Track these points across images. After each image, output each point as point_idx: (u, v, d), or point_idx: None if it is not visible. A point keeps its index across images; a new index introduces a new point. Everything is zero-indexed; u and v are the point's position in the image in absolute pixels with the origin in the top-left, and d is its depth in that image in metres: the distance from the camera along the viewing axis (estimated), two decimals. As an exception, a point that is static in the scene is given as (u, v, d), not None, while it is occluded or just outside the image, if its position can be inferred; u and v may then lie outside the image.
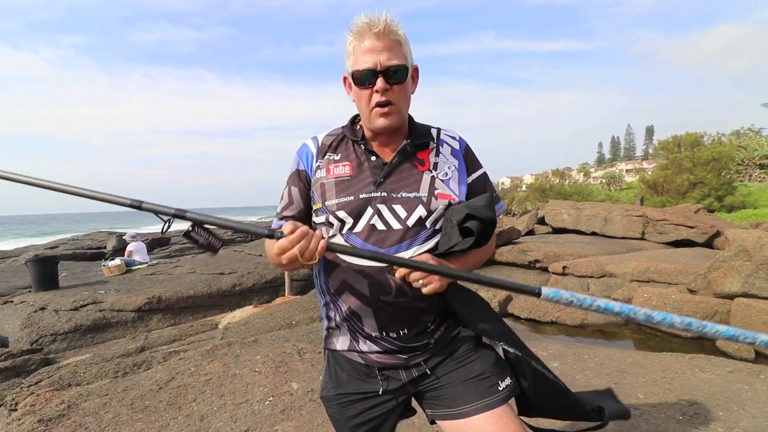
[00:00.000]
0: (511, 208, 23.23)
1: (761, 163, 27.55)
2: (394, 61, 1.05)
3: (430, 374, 1.13)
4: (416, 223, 1.08)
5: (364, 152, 1.15)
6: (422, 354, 1.13)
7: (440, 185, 1.12)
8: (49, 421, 2.62)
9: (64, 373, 3.98)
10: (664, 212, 11.23)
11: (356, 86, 1.08)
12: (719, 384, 2.95)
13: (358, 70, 1.05)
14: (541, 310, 5.76)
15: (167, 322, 6.72)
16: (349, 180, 1.12)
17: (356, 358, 1.15)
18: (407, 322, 1.10)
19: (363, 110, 1.11)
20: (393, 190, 1.10)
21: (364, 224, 1.08)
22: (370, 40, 1.04)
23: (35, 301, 6.64)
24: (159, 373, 3.33)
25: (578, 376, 3.10)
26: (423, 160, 1.14)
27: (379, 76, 1.05)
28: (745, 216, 15.65)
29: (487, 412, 1.05)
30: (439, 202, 1.10)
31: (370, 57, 1.04)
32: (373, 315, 1.09)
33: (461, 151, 1.19)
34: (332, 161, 1.15)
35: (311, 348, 3.73)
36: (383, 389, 1.14)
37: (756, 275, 5.04)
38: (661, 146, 24.08)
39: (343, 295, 1.12)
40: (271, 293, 7.83)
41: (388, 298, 1.07)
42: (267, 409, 2.72)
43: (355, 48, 1.07)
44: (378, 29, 1.03)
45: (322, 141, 1.20)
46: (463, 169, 1.17)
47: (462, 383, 1.10)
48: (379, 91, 1.05)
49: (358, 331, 1.12)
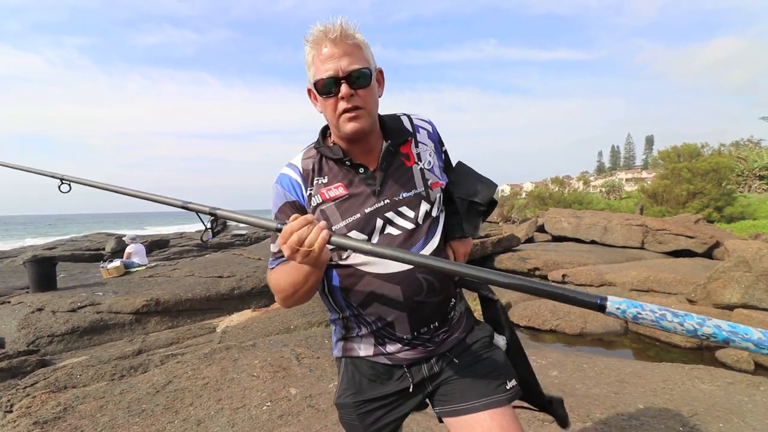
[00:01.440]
0: (510, 216, 23.24)
1: (761, 174, 27.64)
2: (356, 66, 1.01)
3: (451, 365, 1.15)
4: (425, 217, 1.11)
5: (350, 168, 1.11)
6: (445, 340, 1.15)
7: (430, 175, 1.15)
8: (45, 424, 2.60)
9: (60, 375, 3.95)
10: (664, 222, 11.25)
11: (321, 96, 1.05)
12: (719, 395, 2.94)
13: (320, 79, 1.02)
14: (541, 318, 5.74)
15: (165, 324, 6.69)
16: (348, 199, 1.09)
17: (382, 360, 1.15)
18: (437, 314, 1.12)
19: (330, 119, 1.08)
20: (393, 194, 1.10)
21: (378, 236, 1.08)
22: (328, 47, 1.01)
23: (33, 301, 6.61)
24: (156, 376, 3.31)
25: (578, 386, 3.09)
26: (407, 154, 1.15)
27: (342, 83, 1.01)
28: (745, 227, 15.67)
29: (491, 409, 1.08)
30: (435, 192, 1.14)
31: (331, 64, 1.00)
32: (407, 318, 1.09)
33: (434, 133, 1.22)
34: (322, 185, 1.11)
35: (310, 353, 3.71)
36: (412, 385, 1.14)
37: (756, 286, 5.04)
38: (661, 156, 24.16)
39: (372, 307, 1.09)
40: (269, 297, 7.80)
41: (421, 298, 1.08)
42: (265, 414, 2.70)
43: (314, 57, 1.03)
44: (335, 35, 1.00)
45: (302, 167, 1.14)
46: (438, 151, 1.21)
47: (473, 380, 1.13)
48: (345, 98, 1.02)
49: (387, 336, 1.12)
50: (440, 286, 1.10)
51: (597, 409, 2.69)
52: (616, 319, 5.67)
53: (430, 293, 1.09)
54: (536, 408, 1.28)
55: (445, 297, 1.13)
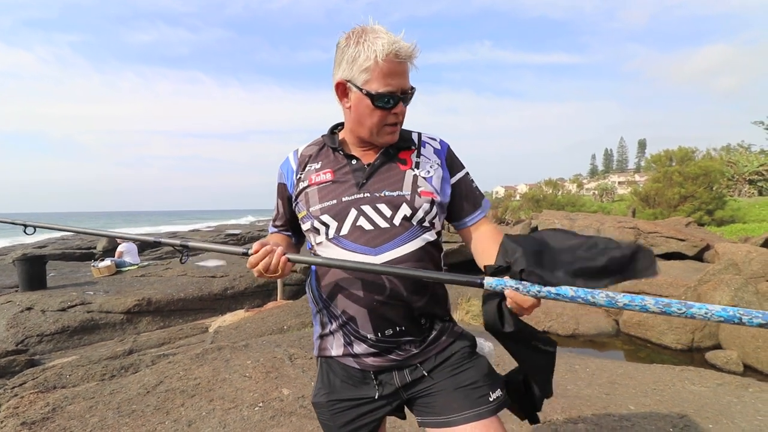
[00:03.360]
0: (504, 217, 23.36)
1: (751, 178, 28.03)
2: (410, 85, 1.09)
3: (423, 379, 1.13)
4: (402, 220, 1.09)
5: (344, 157, 1.16)
6: (417, 354, 1.12)
7: (423, 183, 1.12)
8: (33, 424, 2.56)
9: (49, 375, 3.90)
10: (656, 225, 11.36)
11: (373, 105, 1.07)
12: (709, 396, 2.97)
13: (382, 92, 1.04)
14: (533, 319, 5.77)
15: (156, 324, 6.63)
16: (331, 185, 1.13)
17: (351, 363, 1.15)
18: (402, 319, 1.10)
19: (370, 126, 1.10)
20: (376, 189, 1.10)
21: (349, 226, 1.09)
22: (395, 62, 1.04)
23: (22, 300, 6.52)
24: (147, 376, 3.28)
25: (570, 386, 3.10)
26: (405, 159, 1.16)
27: (399, 101, 1.07)
28: (735, 230, 15.87)
29: (475, 422, 1.05)
30: (422, 200, 1.10)
31: (396, 81, 1.05)
32: (368, 316, 1.09)
33: (443, 151, 1.21)
34: (314, 170, 1.17)
35: (302, 354, 3.70)
36: (379, 394, 1.13)
37: (745, 289, 5.10)
38: (653, 160, 24.41)
39: (337, 300, 1.12)
40: (262, 297, 7.77)
41: (382, 298, 1.07)
42: (257, 415, 2.69)
43: (375, 66, 1.03)
44: (405, 55, 1.04)
45: (302, 152, 1.22)
46: (445, 168, 1.18)
47: (453, 391, 1.10)
48: (398, 114, 1.09)
49: (353, 334, 1.12)
50: (407, 294, 1.07)
51: (588, 409, 2.71)
52: (608, 321, 5.71)
53: (394, 297, 1.07)
54: (521, 414, 1.17)
55: (415, 306, 1.09)
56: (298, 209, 1.19)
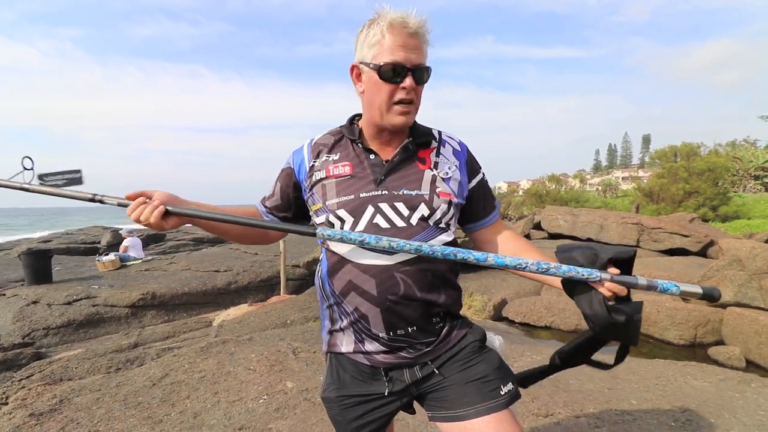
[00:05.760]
0: (507, 213, 23.29)
1: (756, 174, 27.82)
2: (423, 62, 1.05)
3: (434, 375, 1.12)
4: (420, 220, 1.07)
5: (363, 150, 1.13)
6: (428, 352, 1.12)
7: (441, 183, 1.10)
8: (41, 416, 2.60)
9: (56, 367, 3.95)
10: (660, 220, 11.31)
11: (380, 79, 1.04)
12: (711, 392, 2.98)
13: (388, 62, 1.01)
14: (536, 314, 5.78)
15: (161, 318, 6.69)
16: (350, 179, 1.10)
17: (361, 360, 1.14)
18: (415, 318, 1.08)
19: (379, 104, 1.07)
20: (394, 187, 1.08)
21: (365, 223, 1.06)
22: (404, 35, 1.01)
23: (28, 294, 6.59)
24: (152, 369, 3.32)
25: (572, 381, 3.12)
26: (424, 158, 1.13)
27: (408, 74, 1.03)
28: (739, 226, 15.77)
29: (487, 415, 1.04)
30: (440, 200, 1.09)
31: (403, 53, 1.01)
32: (381, 315, 1.07)
33: (463, 153, 1.19)
34: (331, 161, 1.14)
35: (306, 347, 3.73)
36: (389, 391, 1.13)
37: (749, 285, 5.09)
38: (658, 155, 24.23)
39: (349, 297, 1.10)
40: (266, 292, 7.81)
41: (396, 297, 1.05)
42: (261, 407, 2.71)
43: (383, 40, 1.02)
44: (414, 27, 1.02)
45: (317, 141, 1.20)
46: (464, 171, 1.16)
47: (464, 385, 1.09)
48: (407, 88, 1.04)
49: (365, 332, 1.10)
50: (420, 294, 1.06)
51: (590, 404, 2.72)
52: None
53: (407, 297, 1.05)
54: None
55: (428, 304, 1.08)
56: (313, 201, 1.15)
